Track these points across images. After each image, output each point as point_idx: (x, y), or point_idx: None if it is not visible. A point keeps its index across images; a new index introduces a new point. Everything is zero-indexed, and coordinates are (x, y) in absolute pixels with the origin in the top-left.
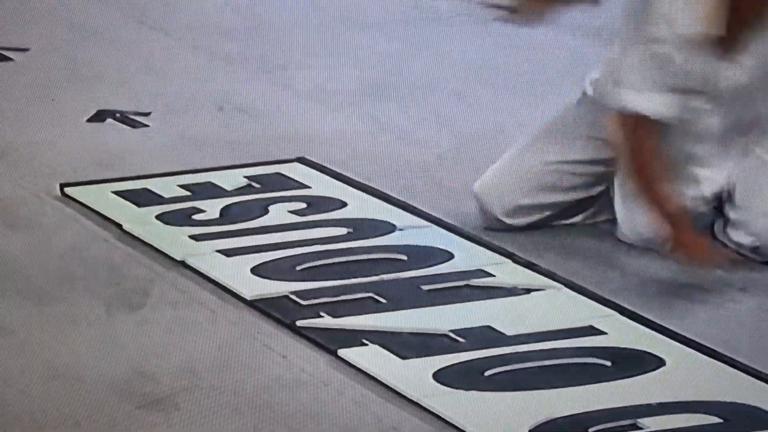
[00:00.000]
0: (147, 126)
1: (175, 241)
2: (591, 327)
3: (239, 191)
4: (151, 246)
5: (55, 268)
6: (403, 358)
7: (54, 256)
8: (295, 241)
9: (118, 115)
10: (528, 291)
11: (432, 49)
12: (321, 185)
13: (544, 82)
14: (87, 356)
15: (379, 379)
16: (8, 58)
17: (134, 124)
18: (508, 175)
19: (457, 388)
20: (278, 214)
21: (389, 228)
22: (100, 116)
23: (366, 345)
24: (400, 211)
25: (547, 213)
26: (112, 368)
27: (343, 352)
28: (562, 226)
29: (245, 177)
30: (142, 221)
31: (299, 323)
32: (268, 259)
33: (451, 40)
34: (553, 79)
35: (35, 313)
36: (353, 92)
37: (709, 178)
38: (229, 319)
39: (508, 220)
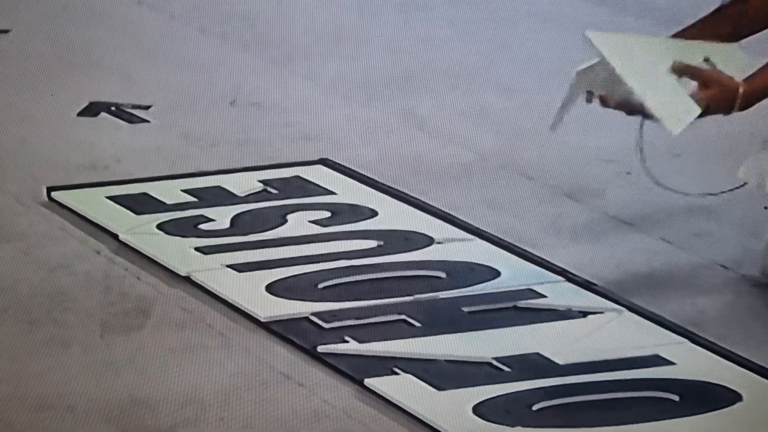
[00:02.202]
0: (147, 121)
1: (179, 254)
2: (657, 356)
3: (253, 197)
4: (151, 260)
5: (43, 284)
6: (440, 388)
7: (41, 270)
8: (316, 256)
9: (113, 108)
10: (584, 314)
11: (477, 35)
12: (347, 191)
13: None
14: (79, 384)
15: (411, 412)
16: None
17: (132, 119)
18: None
19: (500, 423)
20: (298, 223)
21: (425, 241)
22: (92, 109)
23: (397, 374)
24: (438, 221)
25: None
26: (107, 397)
27: (370, 382)
28: (623, 240)
29: (260, 181)
30: (141, 231)
31: (321, 349)
32: (285, 276)
33: (500, 24)
34: None
35: (21, 334)
36: (385, 84)
37: None
38: (241, 343)
39: None
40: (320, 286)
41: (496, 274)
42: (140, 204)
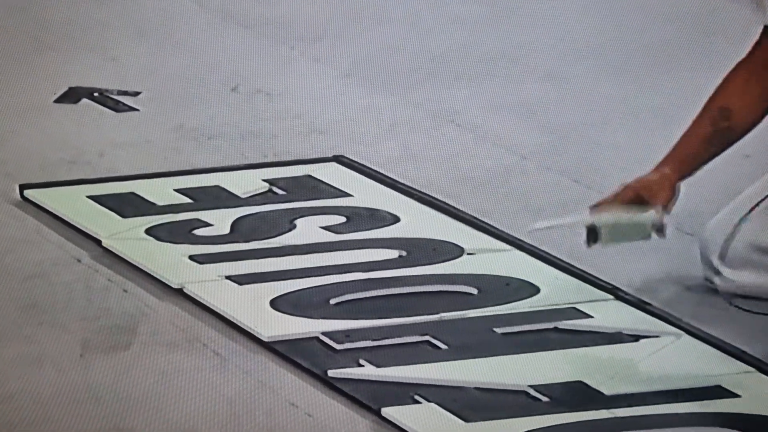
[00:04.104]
0: (135, 110)
1: (172, 263)
2: (719, 387)
3: (256, 199)
4: (139, 269)
5: (14, 295)
6: (468, 420)
7: (12, 280)
8: (328, 267)
9: (96, 94)
10: (636, 338)
11: (519, 15)
12: (365, 193)
13: (665, 62)
14: (55, 410)
15: None
16: None
17: (118, 107)
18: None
19: None
20: (307, 229)
21: (454, 252)
22: (72, 96)
23: (419, 403)
24: (470, 229)
25: None
26: (86, 426)
27: (388, 412)
28: (683, 253)
29: (265, 180)
30: (127, 236)
31: (332, 373)
32: (292, 290)
33: (546, 2)
34: (677, 59)
35: None
36: (410, 70)
37: None
38: (241, 365)
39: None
40: (332, 301)
41: (535, 290)
42: (127, 205)
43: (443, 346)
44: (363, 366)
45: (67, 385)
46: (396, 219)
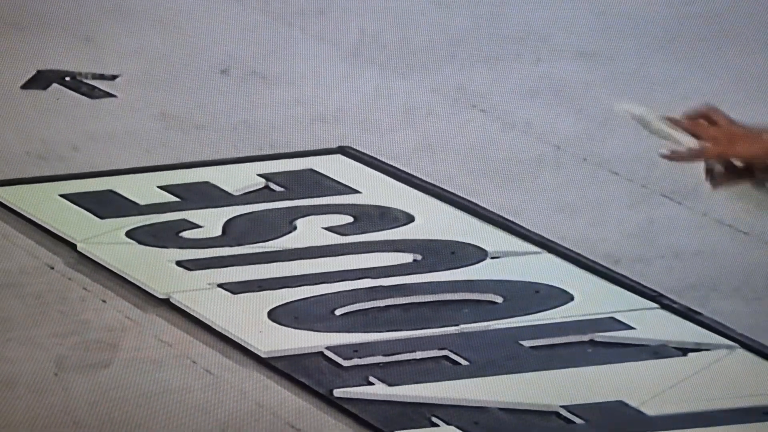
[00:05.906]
0: (113, 96)
1: (156, 269)
2: None
3: (251, 197)
4: (119, 277)
5: None
6: None
7: None
8: (333, 273)
9: (68, 78)
10: (684, 351)
11: None
12: (374, 189)
13: (718, 39)
14: None
15: None
16: None
17: (93, 93)
18: None
19: None
20: (310, 231)
21: (477, 255)
22: (41, 80)
23: (436, 425)
24: (494, 229)
25: None
26: None
27: None
28: (738, 255)
29: (260, 175)
30: (106, 240)
31: (338, 392)
32: (293, 299)
33: None
34: (733, 35)
35: None
36: (427, 49)
37: None
38: (236, 385)
39: None
40: (338, 312)
41: (568, 298)
42: (105, 205)
43: (464, 362)
44: (373, 384)
45: (42, 407)
46: (410, 218)
